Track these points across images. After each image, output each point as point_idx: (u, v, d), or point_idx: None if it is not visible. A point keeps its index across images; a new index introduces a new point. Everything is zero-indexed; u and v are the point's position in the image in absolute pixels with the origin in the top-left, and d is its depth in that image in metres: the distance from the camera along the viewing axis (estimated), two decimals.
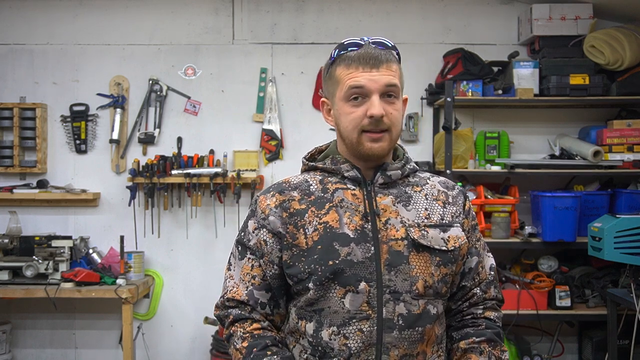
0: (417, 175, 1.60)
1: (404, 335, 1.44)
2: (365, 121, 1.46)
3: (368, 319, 1.44)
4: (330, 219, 1.48)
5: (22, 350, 4.36)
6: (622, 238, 3.43)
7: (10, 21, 4.34)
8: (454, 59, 4.13)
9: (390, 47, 1.52)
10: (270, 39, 4.34)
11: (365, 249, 1.46)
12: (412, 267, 1.46)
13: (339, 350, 1.44)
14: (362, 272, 1.44)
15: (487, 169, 4.02)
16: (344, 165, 1.54)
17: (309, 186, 1.55)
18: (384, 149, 1.49)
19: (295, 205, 1.52)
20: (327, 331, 1.46)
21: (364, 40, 1.50)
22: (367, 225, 1.47)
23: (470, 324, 1.59)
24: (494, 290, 1.62)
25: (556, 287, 3.89)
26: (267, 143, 4.30)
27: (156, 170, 4.17)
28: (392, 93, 1.47)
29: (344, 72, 1.48)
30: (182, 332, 4.36)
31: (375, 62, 1.46)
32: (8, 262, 3.99)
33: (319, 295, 1.46)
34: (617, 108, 4.21)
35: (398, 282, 1.45)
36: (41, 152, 4.26)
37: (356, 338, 1.44)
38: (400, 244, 1.47)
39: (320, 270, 1.45)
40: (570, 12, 4.01)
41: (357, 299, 1.44)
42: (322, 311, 1.47)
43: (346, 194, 1.51)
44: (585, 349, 4.08)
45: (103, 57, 4.34)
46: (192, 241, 4.34)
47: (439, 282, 1.49)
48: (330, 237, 1.46)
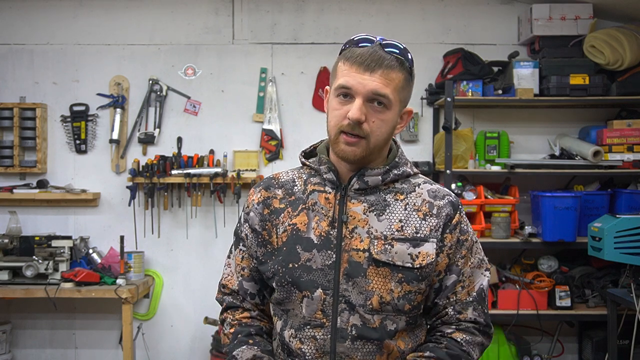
0: (408, 181, 1.53)
1: (357, 346, 1.42)
2: (344, 121, 1.42)
3: (322, 327, 1.44)
4: (299, 221, 1.48)
5: (22, 350, 4.36)
6: (622, 238, 3.43)
7: (10, 21, 4.34)
8: (454, 59, 4.13)
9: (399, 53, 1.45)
10: (270, 39, 4.34)
11: (326, 256, 1.44)
12: (369, 282, 1.42)
13: (297, 354, 1.47)
14: (319, 279, 1.44)
15: (487, 169, 4.02)
16: (323, 167, 1.51)
17: (293, 185, 1.55)
18: (357, 155, 1.44)
19: (275, 203, 1.54)
20: (288, 332, 1.49)
21: (374, 41, 1.45)
22: (333, 232, 1.45)
23: (433, 340, 1.50)
24: (472, 313, 1.49)
25: (556, 287, 3.89)
26: (267, 143, 4.30)
27: (156, 170, 4.17)
28: (380, 101, 1.42)
29: (342, 67, 1.45)
30: (182, 332, 4.36)
31: (373, 65, 1.40)
32: (8, 262, 3.99)
33: (284, 297, 1.48)
34: (617, 108, 4.21)
35: (353, 295, 1.43)
36: (41, 152, 4.26)
37: (310, 344, 1.45)
38: (361, 256, 1.43)
39: (281, 272, 1.47)
40: (570, 12, 4.01)
41: (312, 306, 1.44)
42: (289, 312, 1.49)
43: (320, 197, 1.50)
44: (585, 349, 4.08)
45: (103, 57, 4.34)
46: (192, 241, 4.34)
47: (401, 299, 1.43)
48: (295, 240, 1.47)
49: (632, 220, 3.44)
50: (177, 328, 4.36)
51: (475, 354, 1.48)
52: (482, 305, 1.51)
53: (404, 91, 1.48)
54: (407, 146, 4.30)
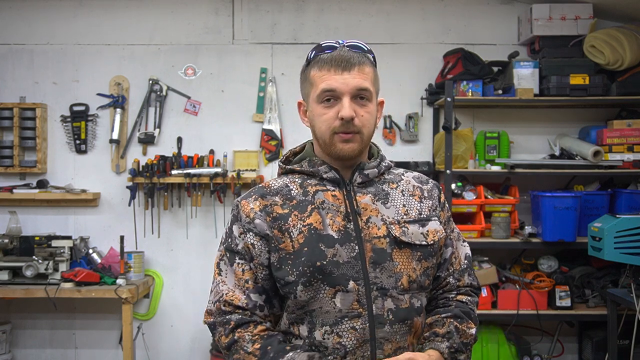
0: (392, 172, 1.64)
1: (395, 329, 1.49)
2: (336, 123, 1.50)
3: (360, 317, 1.47)
4: (313, 220, 1.51)
5: (22, 350, 4.36)
6: (622, 238, 3.43)
7: (10, 21, 4.34)
8: (454, 59, 4.13)
9: (366, 51, 1.56)
10: (270, 39, 4.34)
11: (349, 249, 1.49)
12: (396, 264, 1.50)
13: (333, 349, 1.47)
14: (349, 272, 1.48)
15: (487, 169, 4.02)
16: (322, 167, 1.56)
17: (289, 191, 1.56)
18: (355, 150, 1.52)
19: (278, 209, 1.53)
20: (320, 331, 1.48)
21: (339, 43, 1.55)
22: (350, 225, 1.51)
23: (441, 305, 1.62)
24: (467, 278, 1.65)
25: (556, 287, 3.89)
26: (267, 143, 4.30)
27: (156, 170, 4.17)
28: (363, 96, 1.52)
29: (317, 74, 1.52)
30: (182, 332, 4.36)
31: (347, 65, 1.50)
32: (8, 262, 3.99)
33: (309, 297, 1.48)
34: (617, 108, 4.21)
35: (384, 279, 1.49)
36: (41, 152, 4.26)
37: (350, 336, 1.47)
38: (383, 242, 1.51)
39: (309, 272, 1.47)
40: (570, 12, 4.01)
41: (348, 298, 1.47)
42: (314, 312, 1.49)
43: (326, 195, 1.54)
44: (585, 349, 4.08)
45: (103, 57, 4.34)
46: (192, 241, 4.34)
47: (422, 276, 1.54)
48: (315, 239, 1.49)
49: (632, 220, 3.44)
50: (177, 328, 4.36)
51: (475, 311, 1.64)
52: (472, 270, 1.69)
53: (376, 83, 1.59)
54: (407, 146, 4.30)
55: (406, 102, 4.29)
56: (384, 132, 4.27)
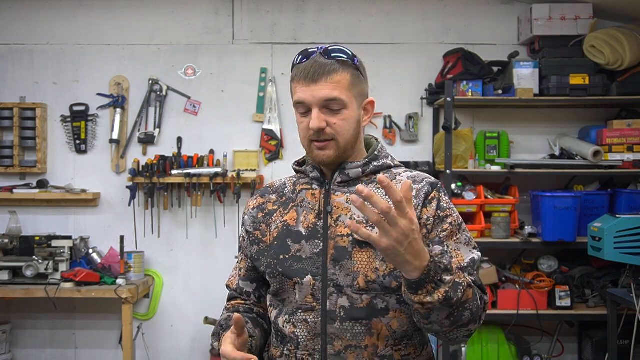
0: (390, 172, 1.62)
1: (346, 327, 1.50)
2: (310, 132, 1.54)
3: (313, 311, 1.53)
4: (289, 217, 1.61)
5: (22, 350, 4.37)
6: (622, 238, 3.43)
7: (10, 21, 4.34)
8: (454, 59, 4.12)
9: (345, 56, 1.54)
10: (270, 39, 4.34)
11: (314, 245, 1.54)
12: (354, 263, 1.51)
13: (290, 338, 1.55)
14: (309, 267, 1.53)
15: (487, 169, 4.02)
16: (308, 167, 1.64)
17: (284, 189, 1.69)
18: (330, 157, 1.55)
19: (269, 206, 1.67)
20: (282, 318, 1.58)
21: (317, 50, 1.57)
22: (320, 222, 1.56)
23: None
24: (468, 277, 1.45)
25: (556, 287, 3.89)
26: (267, 143, 4.30)
27: (156, 170, 4.17)
28: (333, 105, 1.52)
29: (294, 85, 1.59)
30: (182, 332, 4.36)
31: (315, 76, 1.52)
32: (8, 262, 3.99)
33: (278, 287, 1.58)
34: (617, 108, 4.21)
35: (341, 277, 1.51)
36: (41, 152, 4.26)
37: (302, 328, 1.54)
38: (346, 240, 1.52)
39: (272, 264, 1.58)
40: (570, 12, 4.01)
41: (303, 291, 1.54)
42: (284, 301, 1.59)
43: (307, 194, 1.62)
44: (585, 349, 4.08)
45: (103, 57, 4.34)
46: (192, 241, 4.34)
47: (387, 277, 1.48)
48: (285, 235, 1.59)
49: (632, 220, 3.44)
50: (177, 328, 4.36)
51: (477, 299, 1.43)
52: (474, 270, 1.53)
53: (356, 87, 1.55)
54: (407, 146, 4.30)
55: (406, 102, 4.29)
56: (384, 132, 4.27)
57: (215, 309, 4.16)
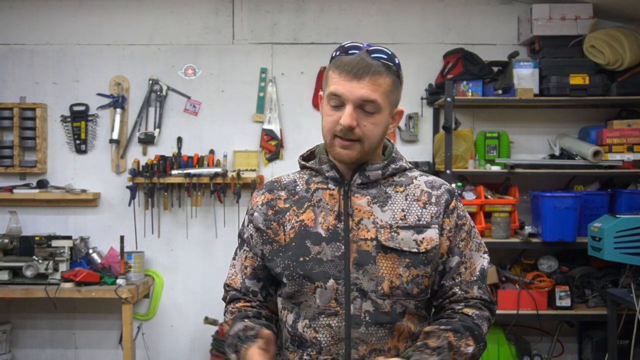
0: (405, 175, 1.61)
1: (371, 331, 1.49)
2: (337, 127, 1.50)
3: (336, 315, 1.50)
4: (306, 217, 1.56)
5: (22, 350, 4.36)
6: (622, 238, 3.43)
7: (10, 21, 4.34)
8: (454, 59, 4.13)
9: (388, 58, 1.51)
10: (270, 39, 4.34)
11: (335, 248, 1.52)
12: (379, 268, 1.50)
13: (311, 343, 1.52)
14: (331, 270, 1.51)
15: (487, 169, 4.02)
16: (324, 166, 1.59)
17: (295, 186, 1.62)
18: (352, 157, 1.52)
19: (280, 204, 1.61)
20: (302, 323, 1.54)
21: (361, 48, 1.51)
22: (340, 224, 1.53)
23: (445, 316, 1.57)
24: (477, 291, 1.57)
25: (556, 287, 3.89)
26: (267, 143, 4.30)
27: (156, 170, 4.17)
28: (368, 107, 1.49)
29: (332, 75, 1.51)
30: (182, 332, 4.36)
31: (360, 73, 1.47)
32: (8, 262, 3.99)
33: (295, 290, 1.54)
34: (617, 108, 4.21)
35: (365, 281, 1.50)
36: (41, 152, 4.26)
37: (325, 332, 1.51)
38: (369, 245, 1.51)
39: (292, 266, 1.53)
40: (570, 12, 4.01)
41: (326, 295, 1.50)
42: (301, 304, 1.54)
43: (324, 194, 1.57)
44: (585, 349, 4.08)
45: (103, 57, 4.34)
46: (192, 241, 4.34)
47: (409, 283, 1.51)
48: (303, 235, 1.54)
49: (632, 220, 3.44)
50: (177, 328, 4.36)
51: (484, 327, 1.55)
52: (485, 284, 1.60)
53: (393, 94, 1.54)
54: (407, 146, 4.30)
55: (406, 102, 4.28)
56: None
57: (215, 309, 4.16)
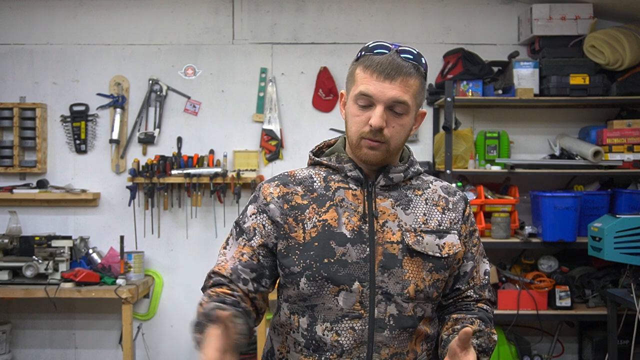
0: (420, 178, 1.62)
1: (394, 335, 1.49)
2: (366, 128, 1.48)
3: (360, 318, 1.48)
4: (329, 217, 1.51)
5: (22, 350, 4.36)
6: (622, 238, 3.43)
7: (10, 21, 4.34)
8: (454, 59, 4.12)
9: (417, 59, 1.51)
10: (270, 39, 4.34)
11: (360, 250, 1.49)
12: (405, 271, 1.49)
13: (332, 346, 1.49)
14: (356, 272, 1.48)
15: (487, 169, 4.02)
16: (347, 165, 1.56)
17: (312, 182, 1.57)
18: (378, 158, 1.51)
19: (297, 199, 1.55)
20: (321, 326, 1.49)
21: (391, 47, 1.50)
22: (365, 226, 1.51)
23: (464, 308, 1.62)
24: (487, 293, 1.65)
25: (556, 287, 3.89)
26: (267, 143, 4.30)
27: (156, 170, 4.17)
28: (399, 108, 1.48)
29: (361, 74, 1.49)
30: (182, 332, 4.36)
31: (392, 73, 1.46)
32: (8, 262, 3.99)
33: (312, 292, 1.49)
34: (617, 108, 4.20)
35: (390, 285, 1.49)
36: (41, 152, 4.26)
37: (348, 336, 1.48)
38: (395, 248, 1.50)
39: (314, 267, 1.48)
40: (570, 12, 4.01)
41: (350, 298, 1.47)
42: (316, 307, 1.50)
43: (347, 193, 1.54)
44: (585, 349, 4.08)
45: (103, 57, 4.34)
46: (192, 241, 4.34)
47: (430, 287, 1.52)
48: (327, 236, 1.50)
49: (632, 220, 3.44)
50: (177, 328, 4.36)
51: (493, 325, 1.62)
52: (490, 286, 1.68)
53: (420, 95, 1.54)
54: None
55: None
56: None
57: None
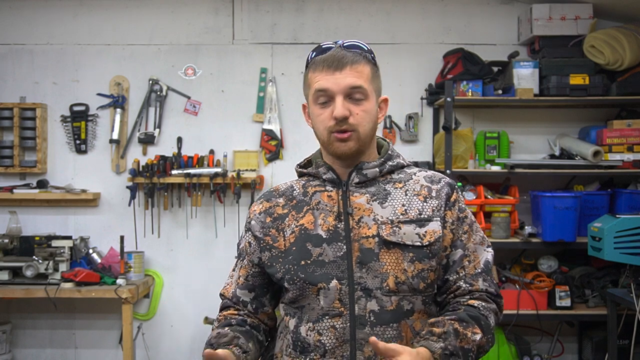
0: (404, 172, 1.62)
1: (376, 331, 1.47)
2: (331, 122, 1.51)
3: (341, 316, 1.48)
4: (306, 221, 1.55)
5: (22, 350, 4.36)
6: (622, 238, 3.43)
7: (10, 21, 4.34)
8: (454, 59, 4.12)
9: (364, 50, 1.55)
10: (270, 39, 4.34)
11: (337, 248, 1.50)
12: (383, 264, 1.49)
13: (315, 346, 1.50)
14: (333, 271, 1.49)
15: (487, 169, 4.02)
16: (321, 169, 1.59)
17: (292, 192, 1.62)
18: (352, 149, 1.52)
19: (279, 210, 1.60)
20: (305, 327, 1.52)
21: (336, 44, 1.55)
22: (340, 224, 1.52)
23: (451, 308, 1.55)
24: (482, 283, 1.56)
25: (556, 287, 3.89)
26: (267, 143, 4.30)
27: (156, 170, 4.17)
28: (357, 94, 1.51)
29: (312, 75, 1.54)
30: (182, 332, 4.36)
31: (339, 64, 1.50)
32: (8, 262, 3.99)
33: (297, 294, 1.53)
34: (617, 108, 4.20)
35: (369, 279, 1.48)
36: (41, 152, 4.26)
37: (330, 335, 1.48)
38: (371, 242, 1.50)
39: (292, 270, 1.52)
40: (570, 12, 4.01)
41: (329, 296, 1.49)
42: (303, 308, 1.53)
43: (323, 196, 1.57)
44: (585, 349, 4.08)
45: (103, 57, 4.34)
46: (192, 241, 4.34)
47: (415, 278, 1.49)
48: (304, 239, 1.53)
49: (632, 220, 3.44)
50: (177, 328, 4.36)
51: (491, 319, 1.55)
52: (490, 276, 1.59)
53: (375, 81, 1.57)
54: (407, 146, 4.30)
55: (406, 102, 4.29)
56: (383, 132, 4.27)
57: (215, 309, 4.13)
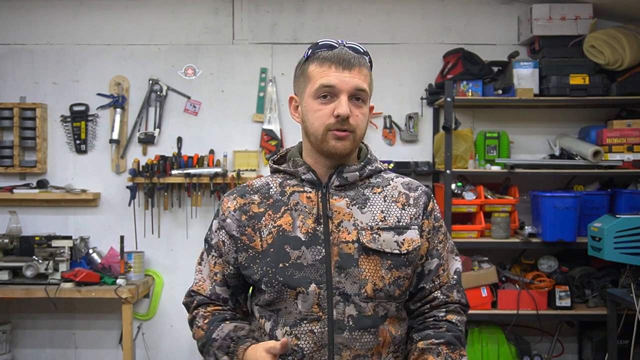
0: (381, 176, 1.60)
1: (355, 336, 1.47)
2: (331, 120, 1.49)
3: (319, 321, 1.47)
4: (284, 222, 1.52)
5: (22, 350, 4.36)
6: (622, 238, 3.43)
7: (10, 21, 4.34)
8: (454, 59, 4.12)
9: (363, 53, 1.56)
10: (270, 39, 4.34)
11: (316, 252, 1.48)
12: (362, 271, 1.48)
13: (292, 350, 1.48)
14: (312, 275, 1.47)
15: (487, 169, 4.02)
16: (300, 168, 1.56)
17: (269, 189, 1.58)
18: (347, 148, 1.51)
19: (254, 208, 1.56)
20: (281, 331, 1.50)
21: (338, 43, 1.55)
22: (319, 227, 1.50)
23: (432, 325, 1.57)
24: (457, 295, 1.60)
25: (556, 287, 3.89)
26: (267, 143, 4.30)
27: (156, 170, 4.17)
28: (360, 97, 1.51)
29: (317, 69, 1.51)
30: (182, 332, 4.36)
31: (348, 64, 1.49)
32: (8, 262, 3.99)
33: (274, 297, 1.50)
34: (617, 108, 4.20)
35: (347, 285, 1.47)
36: (41, 152, 4.26)
37: (307, 339, 1.47)
38: (351, 247, 1.48)
39: (270, 273, 1.49)
40: (570, 12, 4.01)
41: (308, 301, 1.47)
42: (280, 311, 1.51)
43: (301, 197, 1.54)
44: (585, 349, 4.08)
45: (103, 57, 4.34)
46: (192, 241, 4.34)
47: (391, 285, 1.50)
48: (282, 240, 1.50)
49: (632, 220, 3.44)
50: (177, 328, 4.36)
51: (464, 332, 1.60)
52: (462, 287, 1.63)
53: (371, 87, 1.57)
54: (407, 146, 4.30)
55: (406, 102, 4.29)
56: (384, 132, 4.27)
57: None
